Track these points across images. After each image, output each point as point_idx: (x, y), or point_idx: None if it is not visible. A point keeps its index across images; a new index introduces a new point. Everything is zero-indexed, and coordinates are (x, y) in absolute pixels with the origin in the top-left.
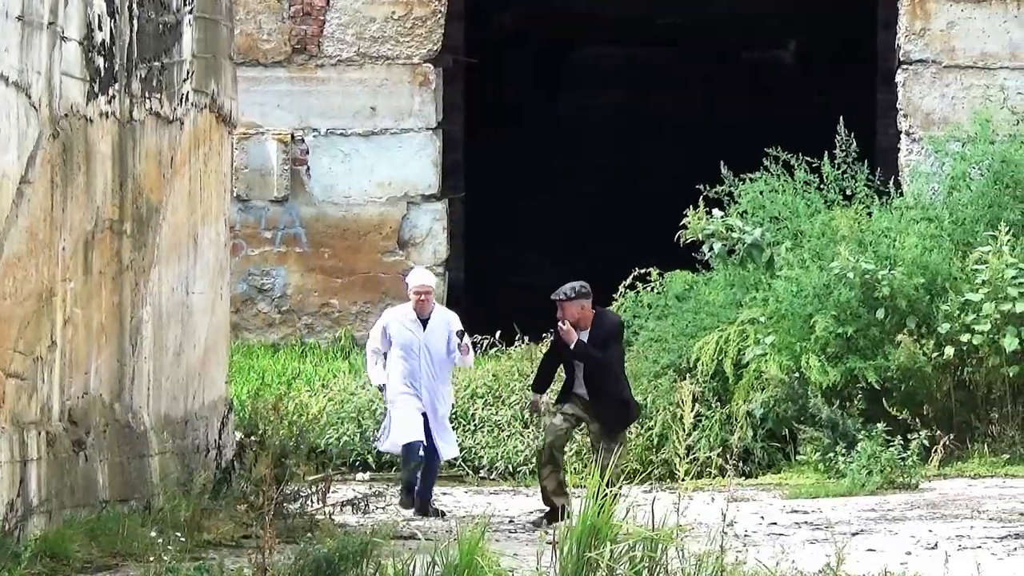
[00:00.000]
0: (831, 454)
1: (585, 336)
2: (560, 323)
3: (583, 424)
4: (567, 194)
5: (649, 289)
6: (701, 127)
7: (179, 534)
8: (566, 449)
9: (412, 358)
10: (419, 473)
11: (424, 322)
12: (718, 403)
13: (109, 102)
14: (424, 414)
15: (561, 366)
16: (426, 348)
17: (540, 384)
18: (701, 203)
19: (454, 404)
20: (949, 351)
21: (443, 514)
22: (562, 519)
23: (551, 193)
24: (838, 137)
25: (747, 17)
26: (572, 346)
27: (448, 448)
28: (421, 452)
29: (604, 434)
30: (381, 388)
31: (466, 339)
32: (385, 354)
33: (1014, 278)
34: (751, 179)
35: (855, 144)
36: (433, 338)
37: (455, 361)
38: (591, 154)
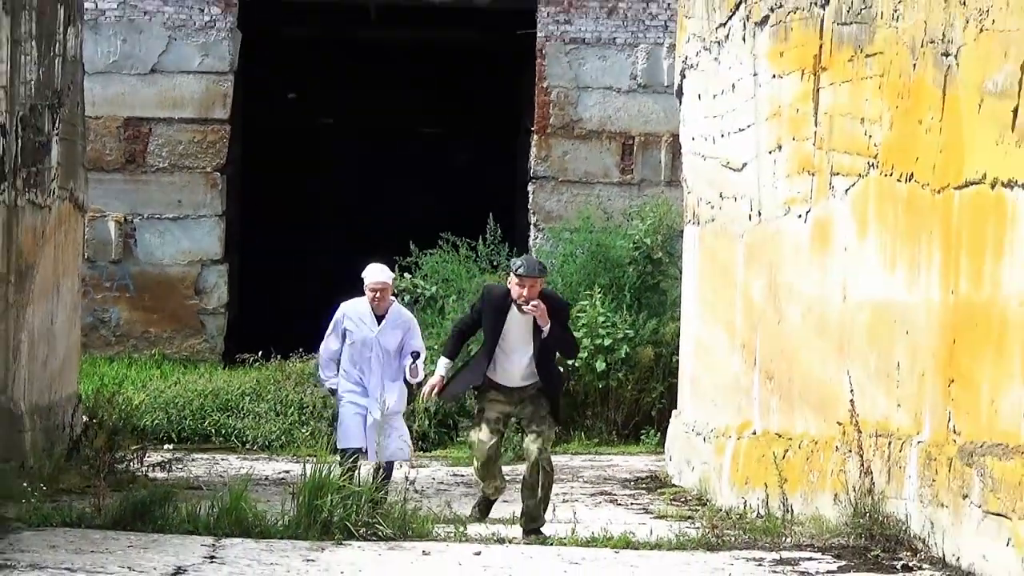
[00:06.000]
0: None
1: None
2: (528, 303)
3: (511, 420)
4: (311, 265)
5: None
6: (401, 211)
7: (43, 485)
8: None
9: (365, 353)
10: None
11: (379, 319)
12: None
13: (1, 194)
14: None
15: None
16: (379, 344)
17: (453, 351)
18: (396, 269)
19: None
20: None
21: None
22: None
23: (301, 262)
24: (489, 226)
25: (442, 134)
26: (546, 331)
27: (384, 450)
28: (358, 457)
29: (536, 416)
30: (332, 391)
31: (418, 362)
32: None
33: (603, 323)
34: (430, 253)
35: (500, 231)
36: (386, 335)
37: (404, 375)
38: (328, 233)
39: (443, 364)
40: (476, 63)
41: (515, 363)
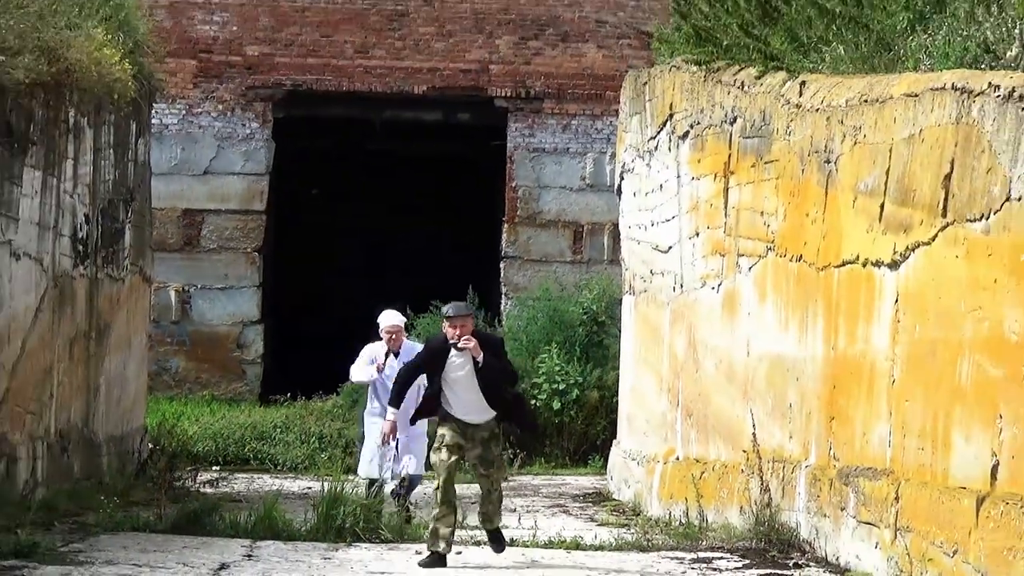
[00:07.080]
0: None
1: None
2: (461, 339)
3: (463, 451)
4: (332, 323)
5: None
6: (408, 290)
7: (116, 498)
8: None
9: (384, 387)
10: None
11: (395, 355)
12: None
13: (85, 269)
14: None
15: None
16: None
17: (397, 400)
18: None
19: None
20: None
21: (409, 518)
22: (438, 565)
23: (325, 324)
24: (469, 295)
25: (437, 235)
26: (480, 360)
27: (407, 467)
28: (380, 483)
29: (484, 460)
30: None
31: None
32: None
33: (559, 371)
34: (422, 316)
35: (478, 299)
36: None
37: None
38: (341, 308)
39: (391, 412)
40: (462, 172)
41: (465, 399)
